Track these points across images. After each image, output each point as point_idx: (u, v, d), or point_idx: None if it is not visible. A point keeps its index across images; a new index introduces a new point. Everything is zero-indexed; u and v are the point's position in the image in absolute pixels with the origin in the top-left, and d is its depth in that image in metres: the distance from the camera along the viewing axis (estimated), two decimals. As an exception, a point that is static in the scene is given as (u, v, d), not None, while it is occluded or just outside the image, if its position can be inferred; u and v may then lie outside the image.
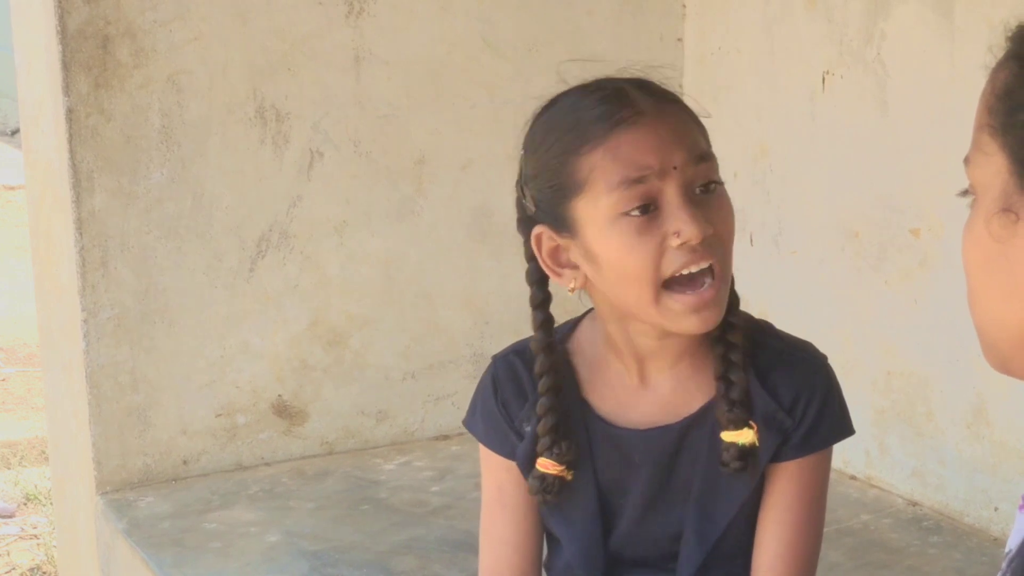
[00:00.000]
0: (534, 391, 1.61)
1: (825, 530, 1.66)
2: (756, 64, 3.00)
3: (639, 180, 1.46)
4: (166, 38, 2.74)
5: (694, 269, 1.47)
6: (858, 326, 2.78)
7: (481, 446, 1.68)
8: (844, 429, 1.62)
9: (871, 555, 2.49)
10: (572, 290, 1.56)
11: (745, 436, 1.54)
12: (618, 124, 1.48)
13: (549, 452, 1.58)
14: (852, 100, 2.75)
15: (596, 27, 3.15)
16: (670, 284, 1.48)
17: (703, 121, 1.56)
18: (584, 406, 1.61)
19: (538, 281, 1.61)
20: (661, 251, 1.46)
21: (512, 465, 1.64)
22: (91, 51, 2.67)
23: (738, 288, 1.60)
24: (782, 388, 1.58)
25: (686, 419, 1.59)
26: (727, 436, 1.55)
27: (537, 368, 1.60)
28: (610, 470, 1.62)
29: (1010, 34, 1.01)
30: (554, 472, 1.59)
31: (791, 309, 2.93)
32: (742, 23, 3.03)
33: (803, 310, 2.91)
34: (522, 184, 1.57)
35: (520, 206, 1.58)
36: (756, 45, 2.99)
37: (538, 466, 1.59)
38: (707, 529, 1.60)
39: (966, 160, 1.04)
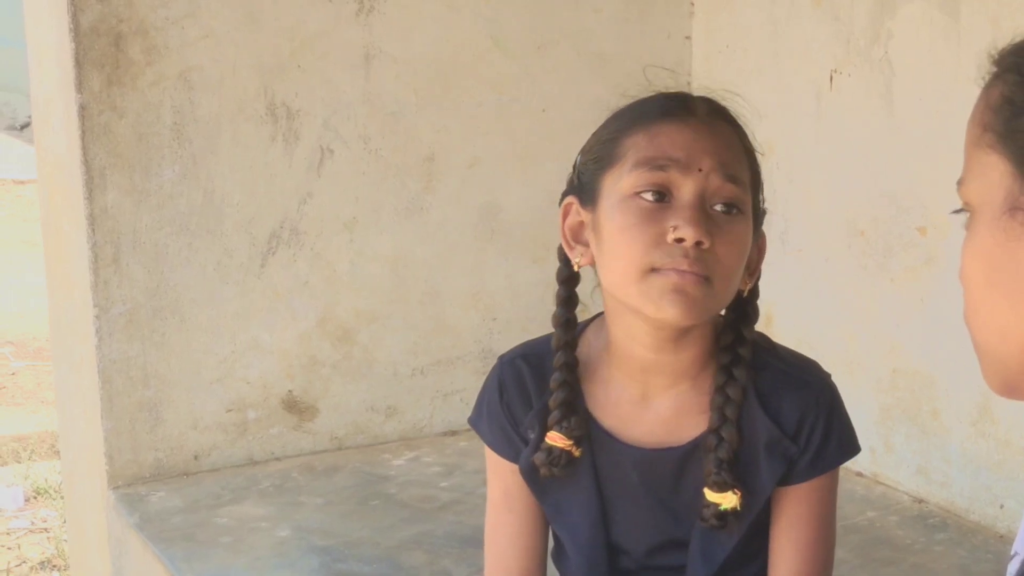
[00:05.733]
0: (539, 398, 1.63)
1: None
2: (763, 62, 3.01)
3: (661, 167, 1.48)
4: (178, 36, 2.76)
5: (681, 268, 1.46)
6: (864, 324, 2.80)
7: (487, 448, 1.70)
8: (850, 449, 1.62)
9: (877, 552, 2.50)
10: (578, 266, 1.59)
11: (728, 501, 1.55)
12: (667, 115, 1.52)
13: (559, 425, 1.59)
14: (859, 99, 2.76)
15: (604, 25, 3.16)
16: (656, 269, 1.47)
17: (758, 160, 1.58)
18: (588, 416, 1.62)
19: (567, 258, 1.62)
20: (657, 243, 1.46)
21: (517, 468, 1.66)
22: (103, 48, 2.69)
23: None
24: (785, 413, 1.57)
25: (689, 443, 1.59)
26: (710, 495, 1.55)
27: (554, 343, 1.62)
28: (613, 483, 1.63)
29: (996, 57, 1.02)
30: (562, 445, 1.60)
31: (797, 307, 2.95)
32: (750, 21, 3.05)
33: (809, 308, 2.92)
34: (576, 162, 1.60)
35: (568, 180, 1.62)
36: (763, 43, 3.01)
37: (547, 439, 1.60)
38: (713, 551, 1.61)
39: (959, 182, 1.04)
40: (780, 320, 2.97)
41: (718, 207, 1.48)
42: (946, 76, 2.54)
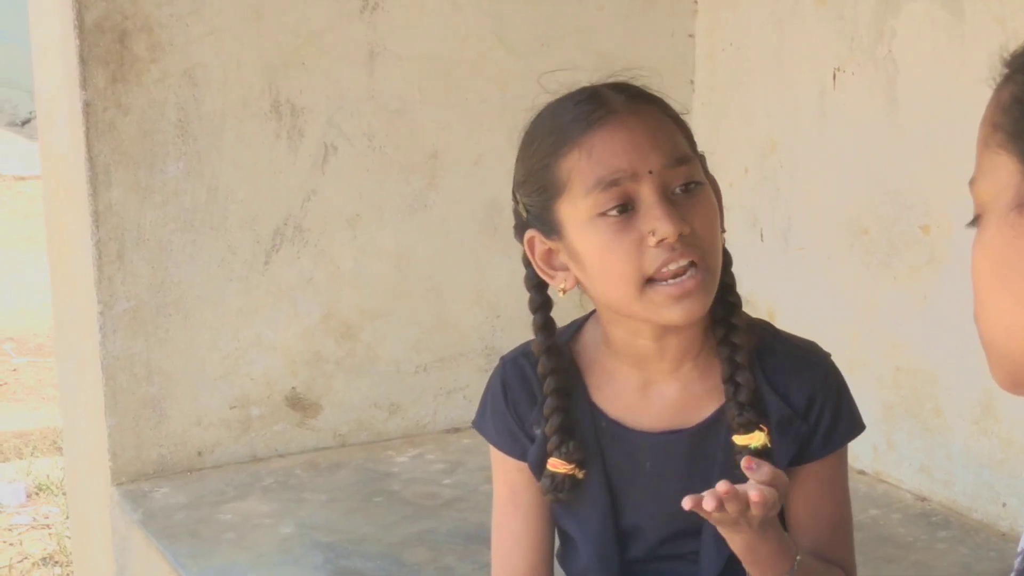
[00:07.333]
0: (543, 393, 1.63)
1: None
2: (767, 60, 3.01)
3: (613, 182, 1.48)
4: (182, 32, 2.76)
5: (673, 267, 1.48)
6: (866, 322, 2.80)
7: (492, 448, 1.70)
8: (858, 426, 1.66)
9: (879, 550, 2.50)
10: (563, 292, 1.59)
11: (756, 439, 1.56)
12: (592, 124, 1.51)
13: (558, 452, 1.60)
14: (862, 97, 2.76)
15: (607, 23, 3.16)
16: (653, 279, 1.49)
17: (686, 119, 1.59)
18: (593, 408, 1.63)
19: (536, 285, 1.64)
20: (640, 249, 1.48)
21: (524, 466, 1.66)
22: (108, 45, 2.69)
23: (747, 283, 1.62)
24: (794, 392, 1.59)
25: (697, 426, 1.60)
26: (739, 440, 1.57)
27: (540, 370, 1.62)
28: (622, 472, 1.64)
29: (1007, 58, 1.03)
30: (564, 471, 1.61)
31: (800, 305, 2.95)
32: (753, 19, 3.05)
33: (812, 306, 2.92)
34: (515, 191, 1.61)
35: (515, 213, 1.62)
36: (767, 41, 3.01)
37: (548, 466, 1.62)
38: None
39: (971, 182, 1.05)
40: (782, 318, 2.97)
41: (678, 190, 1.50)
42: (950, 75, 2.54)
